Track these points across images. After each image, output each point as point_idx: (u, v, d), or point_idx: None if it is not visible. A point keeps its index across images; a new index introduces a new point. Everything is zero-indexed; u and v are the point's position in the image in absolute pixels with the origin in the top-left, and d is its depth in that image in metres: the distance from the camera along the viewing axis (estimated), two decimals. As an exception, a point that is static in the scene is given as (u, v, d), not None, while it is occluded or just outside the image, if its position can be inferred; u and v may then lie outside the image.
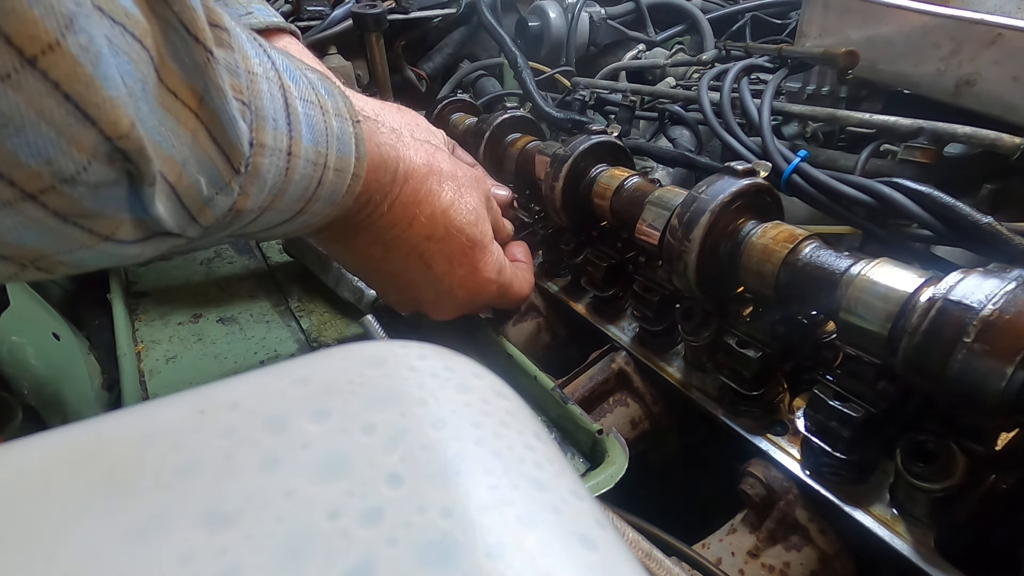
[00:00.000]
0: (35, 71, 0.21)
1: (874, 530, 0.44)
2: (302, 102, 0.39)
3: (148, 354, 0.67)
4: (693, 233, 0.50)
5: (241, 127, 0.32)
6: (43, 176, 0.24)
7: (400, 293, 0.61)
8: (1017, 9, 0.79)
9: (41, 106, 0.22)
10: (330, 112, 0.42)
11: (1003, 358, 0.35)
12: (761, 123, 0.72)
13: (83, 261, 0.30)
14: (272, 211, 0.40)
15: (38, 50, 0.21)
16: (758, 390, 0.52)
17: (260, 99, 0.34)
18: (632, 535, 0.40)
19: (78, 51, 0.22)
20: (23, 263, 0.28)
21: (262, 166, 0.35)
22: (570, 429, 0.55)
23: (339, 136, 0.43)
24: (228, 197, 0.34)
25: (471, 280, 0.59)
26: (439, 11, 1.41)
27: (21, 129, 0.22)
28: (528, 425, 0.21)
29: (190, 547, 0.15)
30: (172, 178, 0.30)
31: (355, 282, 0.71)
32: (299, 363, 0.22)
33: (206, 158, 0.31)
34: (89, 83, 0.23)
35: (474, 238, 0.57)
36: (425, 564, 0.15)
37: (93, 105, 0.23)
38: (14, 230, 0.25)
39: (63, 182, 0.24)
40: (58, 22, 0.21)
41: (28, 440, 0.18)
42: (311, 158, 0.40)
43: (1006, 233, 0.51)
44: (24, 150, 0.23)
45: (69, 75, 0.22)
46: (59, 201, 0.25)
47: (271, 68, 0.36)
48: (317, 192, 0.43)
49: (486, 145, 0.84)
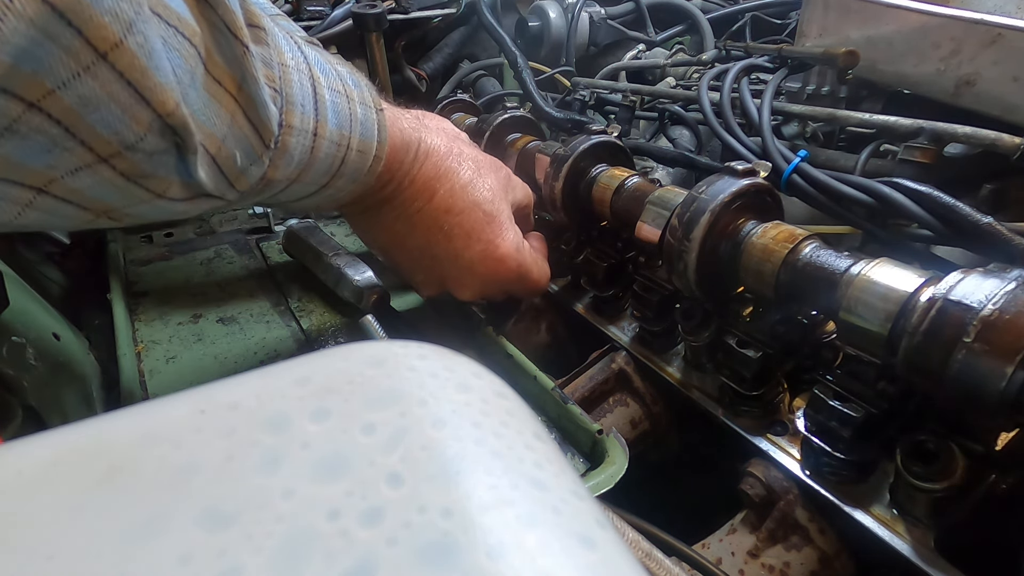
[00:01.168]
0: (106, 63, 0.27)
1: (874, 530, 0.44)
2: (329, 91, 0.45)
3: (148, 354, 0.67)
4: (693, 233, 0.50)
5: (272, 110, 0.39)
6: (112, 144, 0.30)
7: (425, 271, 0.64)
8: (1017, 9, 0.79)
9: (111, 90, 0.28)
10: (355, 100, 0.48)
11: (1003, 358, 0.35)
12: (761, 123, 0.72)
13: (143, 214, 0.38)
14: (300, 183, 0.47)
15: (108, 47, 0.27)
16: (758, 390, 0.52)
17: (291, 87, 0.41)
18: (632, 535, 0.40)
19: (136, 48, 0.28)
20: (98, 212, 0.35)
21: (290, 144, 0.42)
22: (570, 429, 0.55)
23: (363, 122, 0.49)
24: (259, 168, 0.41)
25: (491, 255, 0.61)
26: (439, 11, 1.41)
27: (97, 108, 0.28)
28: (528, 425, 0.21)
29: (190, 547, 0.15)
30: (213, 150, 0.36)
31: (355, 282, 0.71)
32: (299, 363, 0.22)
33: (242, 135, 0.38)
34: (144, 72, 0.29)
35: (491, 213, 0.61)
36: (425, 564, 0.15)
37: (147, 89, 0.29)
38: (93, 187, 0.33)
39: (127, 149, 0.31)
40: (121, 25, 0.27)
41: (28, 440, 0.18)
42: (335, 139, 0.46)
43: (1006, 233, 0.51)
44: (100, 124, 0.29)
45: (130, 66, 0.28)
46: (124, 164, 0.32)
47: (303, 61, 0.43)
48: (340, 169, 0.49)
49: (486, 145, 0.84)
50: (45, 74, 0.26)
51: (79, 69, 0.27)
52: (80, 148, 0.30)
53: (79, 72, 0.27)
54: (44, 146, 0.29)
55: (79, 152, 0.30)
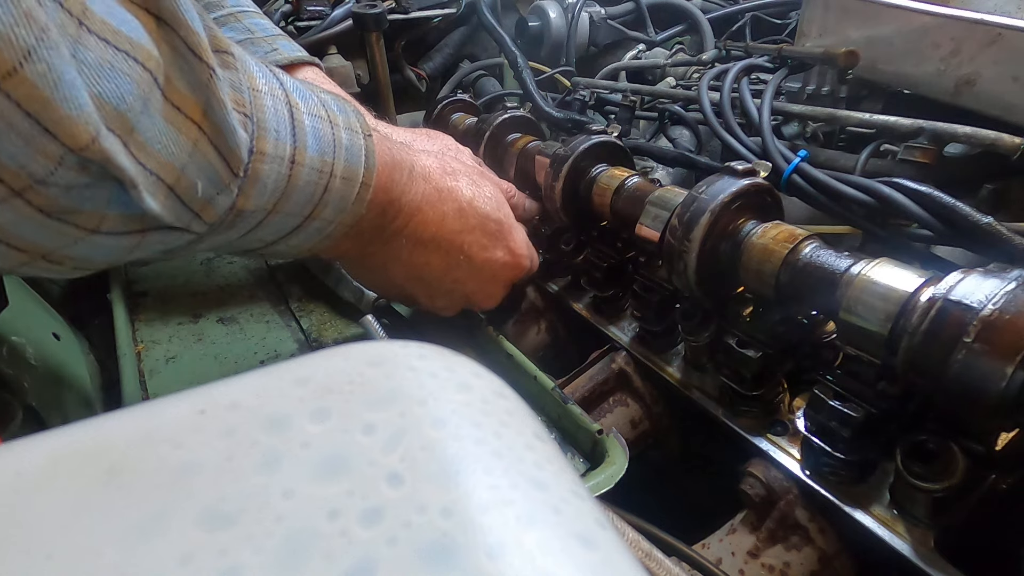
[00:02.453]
0: (1, 92, 0.25)
1: (874, 530, 0.44)
2: (309, 116, 0.43)
3: (148, 354, 0.67)
4: (693, 233, 0.50)
5: (241, 136, 0.37)
6: (21, 176, 0.28)
7: (447, 295, 0.63)
8: (1017, 9, 0.79)
9: (10, 120, 0.26)
10: (340, 126, 0.46)
11: (1003, 358, 0.35)
12: (761, 123, 0.72)
13: (86, 255, 0.35)
14: (279, 214, 0.44)
15: (1, 75, 0.25)
16: (758, 390, 0.52)
17: (263, 112, 0.39)
18: (632, 535, 0.40)
19: (36, 77, 0.26)
20: (32, 255, 0.33)
21: (262, 172, 0.39)
22: (570, 429, 0.55)
23: (348, 147, 0.46)
24: (228, 197, 0.38)
25: (512, 258, 0.63)
26: (439, 11, 1.41)
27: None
28: (528, 425, 0.21)
29: (190, 547, 0.15)
30: (170, 180, 0.34)
31: (355, 282, 0.71)
32: (299, 363, 0.22)
33: (206, 163, 0.35)
34: (47, 104, 0.27)
35: (500, 220, 0.62)
36: (425, 564, 0.15)
37: (52, 122, 0.27)
38: (13, 224, 0.30)
39: (37, 183, 0.29)
40: (15, 52, 0.25)
41: (28, 440, 0.18)
42: (316, 166, 0.44)
43: (1006, 233, 0.51)
44: (4, 154, 0.27)
45: (28, 96, 0.26)
46: (39, 199, 0.30)
47: (278, 88, 0.41)
48: (324, 198, 0.46)
49: (486, 145, 0.84)
50: None
51: None
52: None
53: None
54: None
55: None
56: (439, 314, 0.66)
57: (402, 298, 0.65)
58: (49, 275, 0.38)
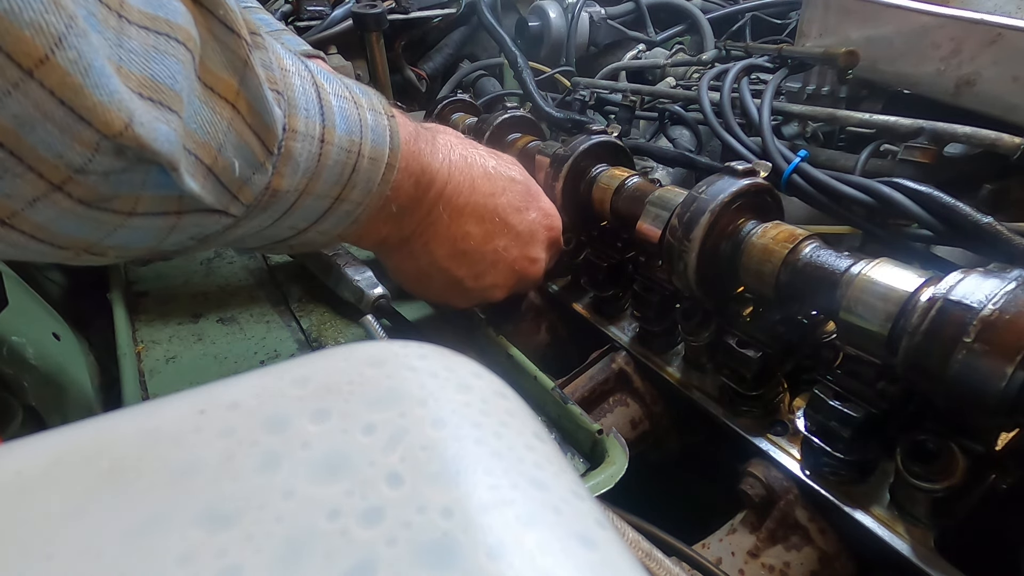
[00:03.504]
0: (34, 80, 0.25)
1: (874, 530, 0.44)
2: (336, 97, 0.44)
3: (148, 354, 0.67)
4: (693, 233, 0.50)
5: (276, 112, 0.37)
6: (60, 168, 0.28)
7: (494, 266, 0.61)
8: (1017, 9, 0.79)
9: (45, 109, 0.26)
10: (364, 107, 0.47)
11: (1003, 358, 0.35)
12: (761, 123, 0.72)
13: (125, 242, 0.35)
14: (310, 195, 0.44)
15: (33, 63, 0.25)
16: (758, 390, 0.52)
17: (292, 91, 0.39)
18: (632, 535, 0.40)
19: (67, 64, 0.26)
20: (76, 250, 0.34)
21: (294, 149, 0.40)
22: (570, 429, 0.55)
23: (373, 128, 0.47)
24: (263, 176, 0.39)
25: (544, 219, 0.63)
26: (439, 11, 1.41)
27: (34, 128, 0.27)
28: (528, 425, 0.21)
29: (190, 547, 0.15)
30: (208, 160, 0.34)
31: (355, 282, 0.71)
32: (299, 363, 0.22)
33: (241, 142, 0.36)
34: (79, 91, 0.27)
35: (527, 182, 0.63)
36: (425, 564, 0.15)
37: (85, 109, 0.27)
38: (55, 221, 0.31)
39: (77, 172, 0.29)
40: (47, 40, 0.25)
41: (28, 440, 0.18)
42: (344, 146, 0.44)
43: (1006, 233, 0.51)
44: (41, 146, 0.27)
45: (61, 84, 0.26)
46: (80, 190, 0.30)
47: (304, 69, 0.42)
48: (352, 178, 0.46)
49: (486, 145, 0.84)
50: None
51: (8, 87, 0.25)
52: (30, 174, 0.28)
53: (8, 90, 0.25)
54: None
55: (29, 179, 0.28)
56: (491, 298, 0.63)
57: (446, 287, 0.62)
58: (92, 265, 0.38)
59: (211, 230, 0.39)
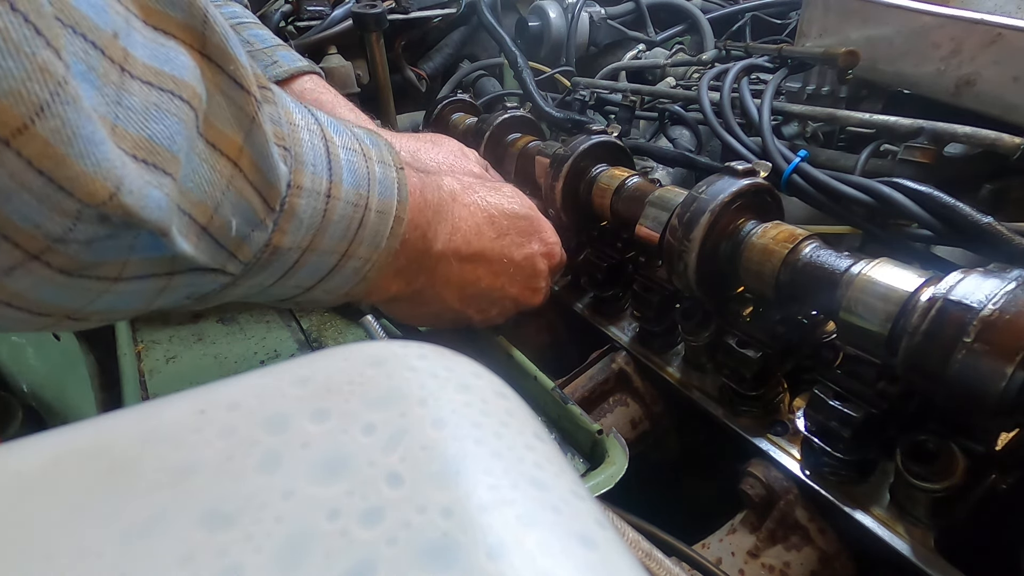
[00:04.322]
0: (10, 150, 0.24)
1: (874, 530, 0.44)
2: (344, 150, 0.43)
3: (148, 354, 0.67)
4: (693, 233, 0.50)
5: (281, 169, 0.36)
6: (38, 238, 0.27)
7: (499, 303, 0.63)
8: (1017, 9, 0.79)
9: (21, 179, 0.25)
10: (373, 159, 0.46)
11: (1003, 358, 0.35)
12: (761, 123, 0.72)
13: (110, 307, 0.33)
14: (315, 252, 0.43)
15: (9, 133, 0.24)
16: (758, 390, 0.52)
17: (300, 147, 0.39)
18: (632, 535, 0.40)
19: (48, 133, 0.24)
20: (57, 317, 0.32)
21: (298, 206, 0.39)
22: (570, 429, 0.55)
23: (381, 181, 0.46)
24: (263, 233, 0.37)
25: (546, 250, 0.64)
26: (439, 11, 1.41)
27: (9, 198, 0.25)
28: (528, 425, 0.21)
29: (190, 547, 0.15)
30: (203, 220, 0.33)
31: None
32: (299, 363, 0.22)
33: (240, 200, 0.35)
34: (60, 160, 0.25)
35: (529, 215, 0.63)
36: (425, 564, 0.15)
37: (67, 179, 0.26)
38: (33, 289, 0.29)
39: (56, 242, 0.27)
40: (27, 108, 0.24)
41: (28, 440, 0.18)
42: (351, 200, 0.43)
43: (1006, 233, 0.51)
44: (16, 215, 0.26)
45: (40, 154, 0.25)
46: (59, 259, 0.28)
47: (314, 123, 0.41)
48: (360, 233, 0.45)
49: (486, 145, 0.84)
50: None
51: None
52: (5, 243, 0.26)
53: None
54: None
55: (6, 248, 0.27)
56: (494, 324, 0.66)
57: (455, 323, 0.64)
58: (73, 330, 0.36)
59: (207, 289, 0.38)
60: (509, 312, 0.65)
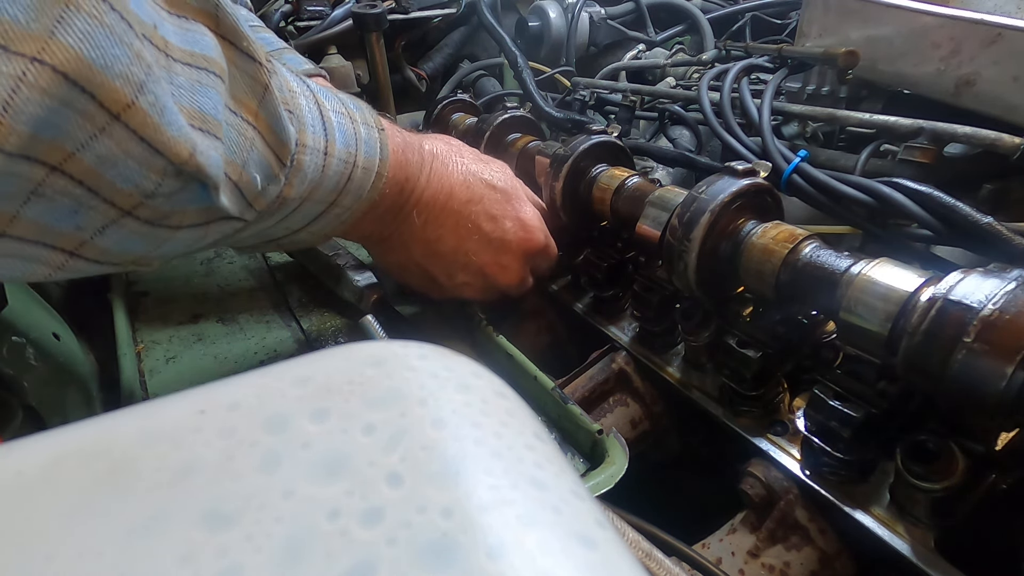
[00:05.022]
0: (120, 123, 0.29)
1: (874, 530, 0.44)
2: (334, 113, 0.49)
3: (148, 354, 0.67)
4: (693, 233, 0.50)
5: (290, 129, 0.42)
6: (134, 196, 0.33)
7: (464, 269, 0.65)
8: (1017, 9, 0.79)
9: (127, 148, 0.30)
10: (358, 121, 0.52)
11: (1003, 358, 0.35)
12: (761, 123, 0.72)
13: (168, 252, 0.40)
14: (311, 201, 0.49)
15: (120, 108, 0.29)
16: (758, 390, 0.52)
17: (301, 110, 0.44)
18: (632, 535, 0.40)
19: (147, 107, 0.30)
20: (126, 264, 0.38)
21: (304, 162, 0.45)
22: (570, 429, 0.55)
23: (366, 140, 0.52)
24: (276, 187, 0.43)
25: (521, 227, 0.65)
26: (439, 11, 1.41)
27: (115, 165, 0.30)
28: (528, 425, 0.21)
29: (190, 547, 0.15)
30: (235, 177, 0.39)
31: (355, 282, 0.71)
32: (299, 363, 0.22)
33: (261, 158, 0.40)
34: (156, 129, 0.31)
35: (507, 190, 0.65)
36: (425, 564, 0.15)
37: (161, 143, 0.31)
38: (120, 242, 0.35)
39: (147, 197, 0.33)
40: (132, 87, 0.29)
41: (28, 440, 0.18)
42: (343, 157, 0.49)
43: (1006, 233, 0.51)
44: (119, 180, 0.31)
45: (143, 124, 0.30)
46: (147, 212, 0.34)
47: (307, 90, 0.47)
48: (347, 186, 0.51)
49: (486, 145, 0.84)
50: (64, 139, 0.28)
51: (95, 131, 0.29)
52: (103, 205, 0.32)
53: (95, 134, 0.29)
54: (70, 208, 0.31)
55: (103, 209, 0.32)
56: (463, 295, 0.67)
57: (423, 281, 0.67)
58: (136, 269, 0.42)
59: (227, 233, 0.43)
60: (479, 287, 0.66)
